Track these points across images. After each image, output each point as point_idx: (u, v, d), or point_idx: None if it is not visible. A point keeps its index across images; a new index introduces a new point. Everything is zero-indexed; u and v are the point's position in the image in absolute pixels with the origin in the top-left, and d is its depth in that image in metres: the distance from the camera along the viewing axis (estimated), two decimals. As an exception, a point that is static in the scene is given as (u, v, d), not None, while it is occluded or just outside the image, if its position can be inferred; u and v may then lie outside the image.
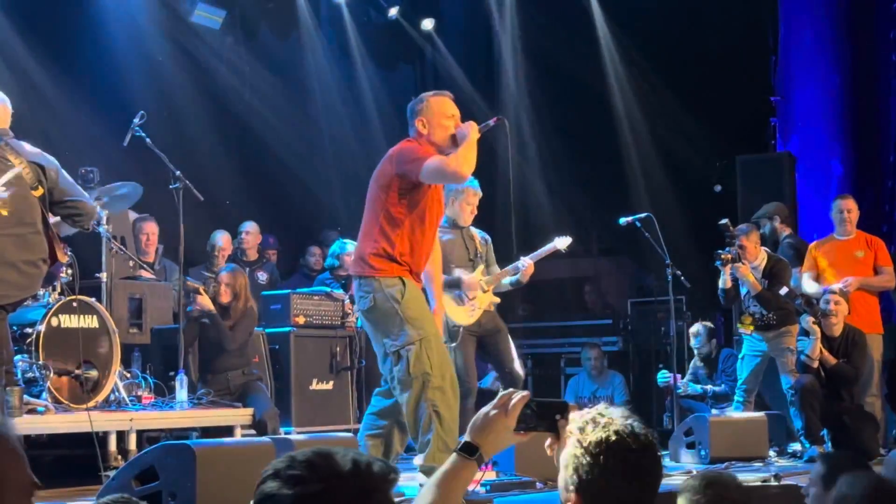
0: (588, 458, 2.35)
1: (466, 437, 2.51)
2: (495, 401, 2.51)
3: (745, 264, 8.40)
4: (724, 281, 8.51)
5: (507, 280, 7.68)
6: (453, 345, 7.16)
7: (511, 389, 2.57)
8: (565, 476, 2.40)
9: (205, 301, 7.54)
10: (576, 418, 2.44)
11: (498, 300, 7.68)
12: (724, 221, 8.52)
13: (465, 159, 5.38)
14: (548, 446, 2.51)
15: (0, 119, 5.75)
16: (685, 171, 11.95)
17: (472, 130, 5.50)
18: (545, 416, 2.50)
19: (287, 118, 11.82)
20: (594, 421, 2.39)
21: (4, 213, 5.58)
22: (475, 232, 7.67)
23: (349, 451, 1.89)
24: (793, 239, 9.52)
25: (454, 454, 2.49)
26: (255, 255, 10.06)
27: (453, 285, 7.31)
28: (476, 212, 7.53)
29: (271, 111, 11.71)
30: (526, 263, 7.62)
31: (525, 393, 2.52)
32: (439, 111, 5.59)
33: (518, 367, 7.77)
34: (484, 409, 2.52)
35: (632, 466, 2.35)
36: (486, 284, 7.54)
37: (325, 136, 12.21)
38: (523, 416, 2.49)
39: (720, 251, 8.44)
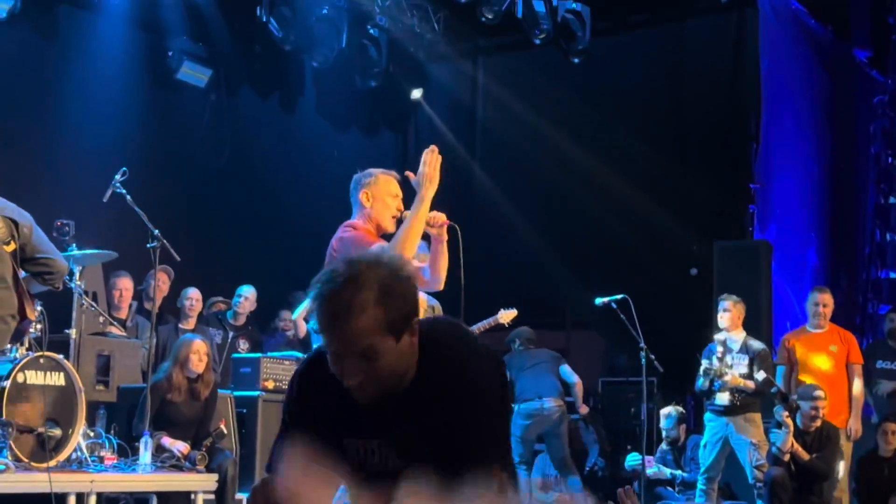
0: None
1: None
2: None
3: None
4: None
5: None
6: None
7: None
8: None
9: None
10: None
11: None
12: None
13: (409, 242, 5.20)
14: None
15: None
16: (663, 253, 11.97)
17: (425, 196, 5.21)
18: None
19: (266, 178, 11.81)
20: None
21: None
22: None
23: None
24: None
25: None
26: (243, 321, 9.89)
27: None
28: None
29: (251, 170, 11.70)
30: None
31: None
32: (385, 188, 5.53)
33: None
34: None
35: None
36: None
37: (303, 197, 12.17)
38: None
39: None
